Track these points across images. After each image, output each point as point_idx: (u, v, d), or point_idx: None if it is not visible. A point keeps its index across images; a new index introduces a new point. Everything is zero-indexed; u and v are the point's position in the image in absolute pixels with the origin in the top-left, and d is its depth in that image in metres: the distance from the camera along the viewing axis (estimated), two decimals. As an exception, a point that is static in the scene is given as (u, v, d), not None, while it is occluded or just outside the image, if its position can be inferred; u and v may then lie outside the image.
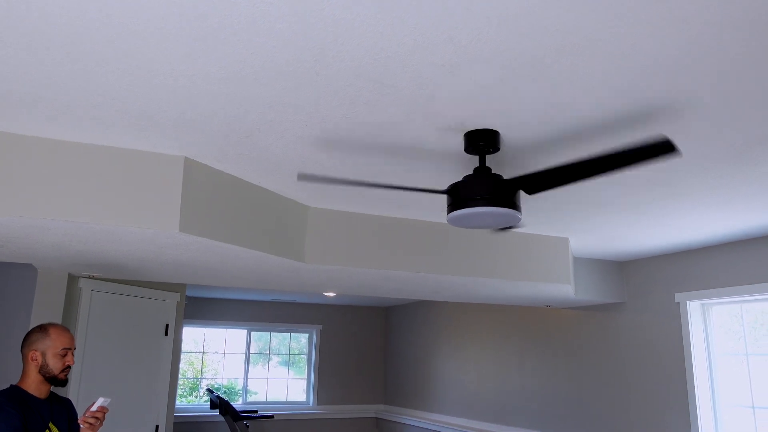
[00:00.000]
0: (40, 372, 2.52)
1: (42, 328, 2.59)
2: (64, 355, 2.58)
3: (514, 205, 2.51)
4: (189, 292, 8.42)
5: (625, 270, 5.73)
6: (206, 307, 9.00)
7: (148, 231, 2.93)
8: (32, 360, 2.53)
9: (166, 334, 5.60)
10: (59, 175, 2.78)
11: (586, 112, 2.41)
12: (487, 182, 2.49)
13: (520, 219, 2.59)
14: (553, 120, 2.49)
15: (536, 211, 3.96)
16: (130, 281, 5.27)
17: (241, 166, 3.14)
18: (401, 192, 3.57)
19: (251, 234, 3.38)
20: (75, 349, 2.66)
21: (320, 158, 2.98)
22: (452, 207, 2.53)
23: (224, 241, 3.19)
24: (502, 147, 2.77)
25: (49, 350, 2.53)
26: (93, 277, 4.75)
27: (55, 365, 2.52)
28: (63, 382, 2.55)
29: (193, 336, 9.09)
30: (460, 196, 2.50)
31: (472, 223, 2.62)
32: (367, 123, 2.54)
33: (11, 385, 2.56)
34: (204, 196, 3.09)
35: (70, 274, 4.64)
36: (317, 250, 3.87)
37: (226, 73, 2.13)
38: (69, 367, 2.60)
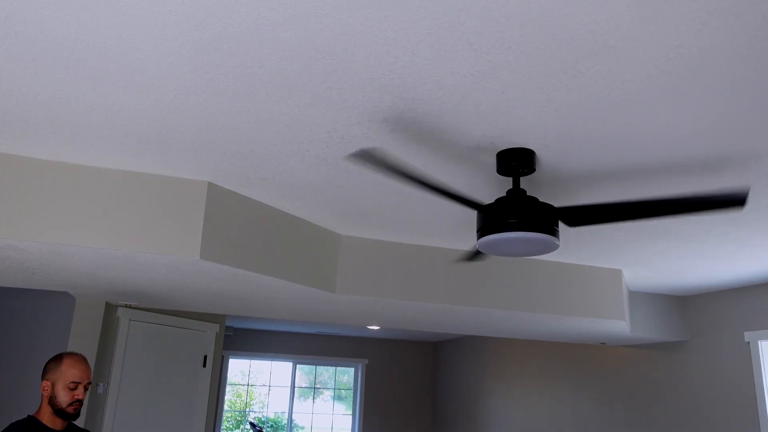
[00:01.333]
0: (49, 403, 2.42)
1: (57, 358, 2.49)
2: (74, 389, 2.42)
3: (551, 230, 2.28)
4: (233, 323, 8.40)
5: (688, 306, 5.30)
6: (251, 338, 8.95)
7: (169, 257, 2.84)
8: (44, 390, 2.43)
9: (205, 365, 5.52)
10: (77, 201, 2.73)
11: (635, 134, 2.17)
12: (522, 205, 2.28)
13: (557, 246, 2.35)
14: (591, 136, 2.26)
15: (583, 239, 3.68)
16: (168, 311, 5.24)
17: (265, 192, 3.03)
18: (435, 221, 3.38)
19: (279, 263, 3.25)
20: (89, 383, 2.52)
21: (344, 182, 2.84)
22: (483, 231, 2.32)
23: (249, 270, 3.07)
24: (538, 168, 2.56)
25: (59, 382, 2.42)
26: (130, 306, 4.74)
27: (63, 398, 2.40)
28: (72, 417, 2.43)
29: (240, 368, 9.04)
30: (492, 219, 2.29)
31: (505, 250, 2.40)
32: (389, 143, 2.38)
33: (28, 415, 2.48)
34: (228, 223, 2.99)
35: (108, 303, 4.63)
36: (349, 281, 3.71)
37: (236, 89, 2.03)
38: (79, 401, 2.45)
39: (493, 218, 2.29)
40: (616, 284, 4.40)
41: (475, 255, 2.85)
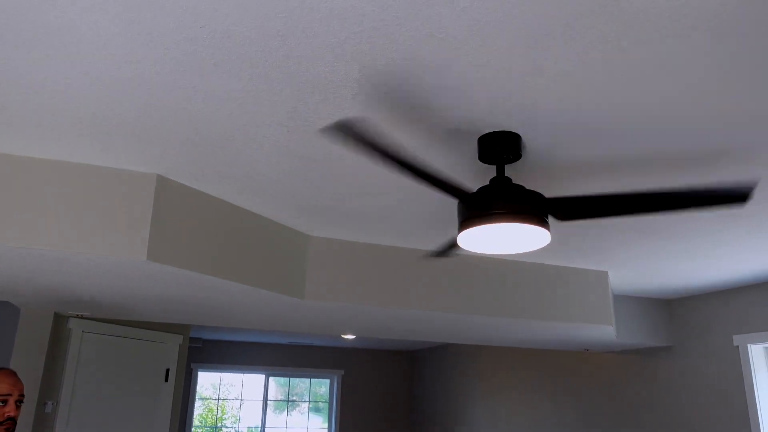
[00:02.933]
0: None
1: None
2: (3, 404, 2.20)
3: (541, 221, 2.03)
4: (202, 335, 8.03)
5: (673, 309, 5.10)
6: (221, 350, 8.58)
7: (113, 259, 2.52)
8: None
9: (167, 379, 5.16)
10: (5, 195, 2.40)
11: (624, 112, 1.94)
12: (509, 193, 2.02)
13: (548, 240, 2.10)
14: (584, 117, 2.02)
15: (567, 239, 3.45)
16: (127, 322, 4.88)
17: (223, 186, 2.73)
18: (412, 219, 3.11)
19: (240, 266, 2.95)
20: (21, 396, 2.27)
21: (310, 175, 2.56)
22: (465, 223, 2.06)
23: (205, 273, 2.76)
24: (524, 155, 2.31)
25: None
26: (82, 317, 4.37)
27: None
28: None
29: (210, 381, 8.66)
30: (474, 209, 2.03)
31: (489, 245, 2.14)
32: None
33: None
34: (180, 221, 2.68)
35: (57, 314, 4.26)
36: (318, 286, 3.41)
37: (177, 56, 1.74)
38: (11, 419, 2.22)
39: (476, 208, 2.03)
40: (602, 287, 4.18)
41: (448, 249, 2.58)
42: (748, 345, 4.47)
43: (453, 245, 2.53)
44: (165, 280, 2.91)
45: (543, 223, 2.03)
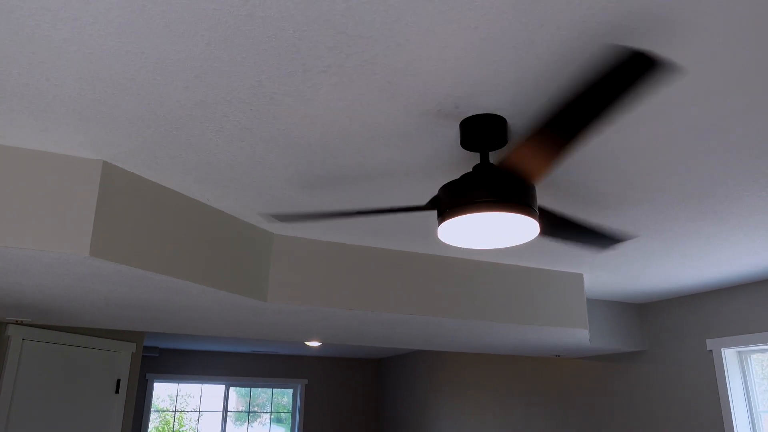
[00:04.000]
0: None
1: None
2: None
3: (531, 210, 1.85)
4: (158, 343, 7.65)
5: (646, 313, 5.02)
6: (178, 359, 8.21)
7: (51, 254, 2.24)
8: None
9: (118, 391, 4.82)
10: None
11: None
12: (494, 180, 1.84)
13: (537, 232, 1.93)
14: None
15: (541, 239, 3.30)
16: (73, 329, 4.53)
17: (179, 176, 2.49)
18: (382, 216, 2.91)
19: (196, 264, 2.70)
20: None
21: (275, 163, 2.33)
22: (445, 213, 1.87)
23: (156, 272, 2.50)
24: (510, 141, 2.14)
25: None
26: (22, 323, 4.02)
27: None
28: None
29: (167, 392, 8.26)
30: (456, 198, 1.84)
31: (471, 238, 1.95)
32: (332, 108, 1.90)
33: None
34: (130, 214, 2.42)
35: (-5, 320, 3.91)
36: (282, 287, 3.18)
37: (122, 16, 1.50)
38: None
39: (458, 197, 1.84)
40: (577, 290, 4.05)
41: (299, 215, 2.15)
42: (722, 349, 4.40)
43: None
44: (112, 280, 2.63)
45: (531, 212, 1.85)
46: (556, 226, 2.13)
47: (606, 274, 4.04)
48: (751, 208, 2.79)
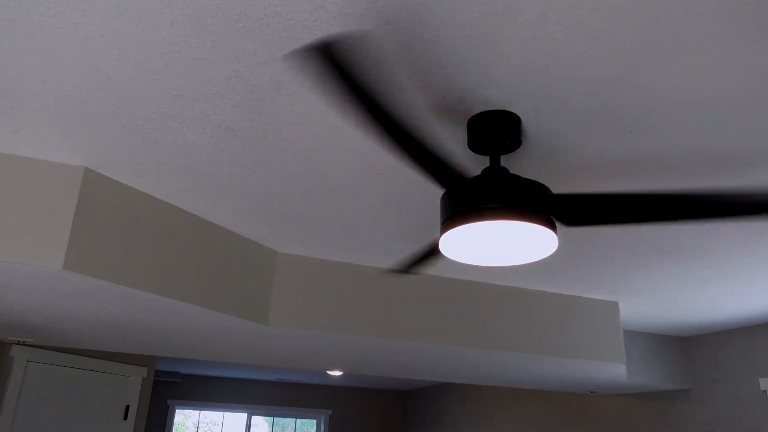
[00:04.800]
0: None
1: None
2: None
3: (548, 220, 1.58)
4: (182, 369, 7.49)
5: (691, 348, 4.60)
6: (202, 386, 8.02)
7: (24, 268, 2.07)
8: None
9: (126, 417, 4.63)
10: None
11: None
12: (506, 185, 1.59)
13: (555, 246, 1.65)
14: (602, 92, 1.59)
15: (571, 261, 2.99)
16: (82, 351, 4.38)
17: (168, 184, 2.30)
18: (395, 231, 2.66)
19: (188, 282, 2.50)
20: None
21: (274, 170, 2.12)
22: (449, 221, 1.62)
23: (143, 289, 2.30)
24: (525, 142, 1.88)
25: None
26: (25, 344, 3.88)
27: None
28: None
29: (193, 419, 8.09)
30: (462, 203, 1.59)
31: (479, 252, 1.69)
32: (321, 103, 1.69)
33: None
34: (112, 226, 2.24)
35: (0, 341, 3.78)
36: (286, 310, 2.95)
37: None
38: None
39: (464, 202, 1.59)
40: (612, 319, 3.70)
41: (421, 261, 2.13)
42: (777, 389, 3.96)
43: (427, 256, 2.08)
44: (98, 298, 2.45)
45: (550, 222, 1.59)
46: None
47: (644, 302, 3.68)
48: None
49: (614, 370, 3.78)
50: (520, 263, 1.77)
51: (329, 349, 3.43)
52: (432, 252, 2.06)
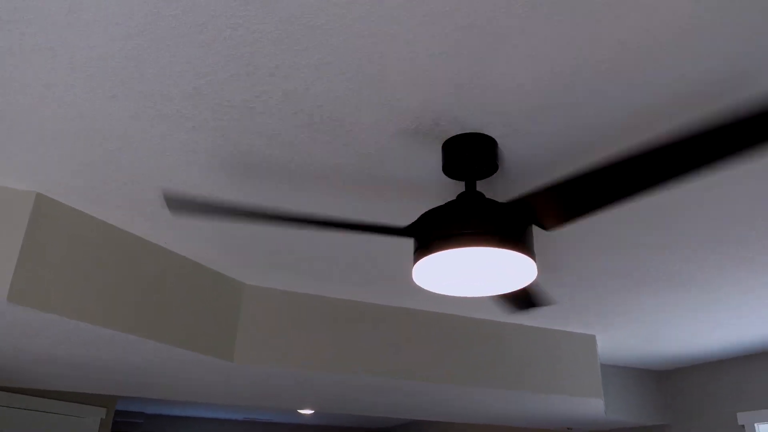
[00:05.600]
0: None
1: None
2: None
3: (525, 245, 1.50)
4: (145, 409, 7.15)
5: (669, 382, 4.54)
6: (168, 427, 7.68)
7: (-36, 301, 1.91)
8: None
9: (82, 462, 4.35)
10: None
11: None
12: (480, 210, 1.51)
13: (535, 273, 1.57)
14: (586, 106, 1.54)
15: (548, 290, 2.92)
16: (35, 391, 4.13)
17: (127, 212, 2.17)
18: (365, 262, 2.56)
19: (146, 316, 2.35)
20: None
21: (237, 196, 2.02)
22: (421, 250, 1.53)
23: (97, 324, 2.15)
24: (501, 166, 1.81)
25: None
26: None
27: None
28: None
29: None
30: (435, 231, 1.51)
31: (454, 282, 1.60)
32: (290, 124, 1.60)
33: None
34: (65, 255, 2.10)
35: (-57, 379, 3.53)
36: (253, 346, 2.80)
37: (15, 2, 1.23)
38: None
39: (435, 229, 1.51)
40: (589, 353, 3.62)
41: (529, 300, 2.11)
42: (755, 424, 3.90)
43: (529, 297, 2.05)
44: (46, 333, 2.28)
45: (526, 249, 1.50)
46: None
47: (623, 335, 3.62)
48: (788, 258, 2.42)
49: (592, 405, 3.69)
50: (497, 293, 1.68)
51: (299, 387, 3.27)
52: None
